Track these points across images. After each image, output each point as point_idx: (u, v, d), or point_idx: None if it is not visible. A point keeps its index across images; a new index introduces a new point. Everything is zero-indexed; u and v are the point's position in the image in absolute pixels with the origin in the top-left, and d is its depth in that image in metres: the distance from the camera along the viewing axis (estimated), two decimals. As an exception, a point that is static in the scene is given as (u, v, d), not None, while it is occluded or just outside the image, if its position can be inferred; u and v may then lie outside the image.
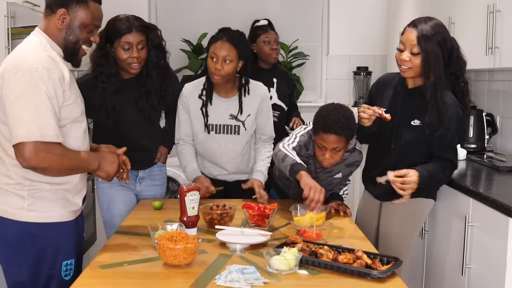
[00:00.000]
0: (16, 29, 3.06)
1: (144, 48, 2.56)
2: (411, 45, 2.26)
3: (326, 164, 2.41)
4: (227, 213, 2.24)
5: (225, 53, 2.54)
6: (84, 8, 1.94)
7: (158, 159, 2.82)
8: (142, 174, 2.77)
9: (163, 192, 2.91)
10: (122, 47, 2.51)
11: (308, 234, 2.05)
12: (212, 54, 2.56)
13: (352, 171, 2.62)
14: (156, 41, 2.62)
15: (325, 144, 2.34)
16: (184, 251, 1.77)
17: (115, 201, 2.70)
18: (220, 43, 2.55)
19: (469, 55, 3.13)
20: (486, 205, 2.22)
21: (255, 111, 2.68)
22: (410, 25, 2.31)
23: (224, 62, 2.54)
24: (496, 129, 3.33)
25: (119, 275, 1.76)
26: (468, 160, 3.07)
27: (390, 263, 1.79)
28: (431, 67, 2.25)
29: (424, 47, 2.23)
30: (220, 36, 2.58)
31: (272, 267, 1.76)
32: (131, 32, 2.52)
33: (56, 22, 1.92)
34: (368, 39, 4.87)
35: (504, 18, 2.76)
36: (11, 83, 1.80)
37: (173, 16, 4.98)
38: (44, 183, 1.91)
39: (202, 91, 2.67)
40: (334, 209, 2.49)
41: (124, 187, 2.69)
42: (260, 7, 5.03)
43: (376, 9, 4.89)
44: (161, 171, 2.87)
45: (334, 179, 2.58)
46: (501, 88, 3.38)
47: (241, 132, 2.66)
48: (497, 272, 2.16)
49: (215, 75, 2.56)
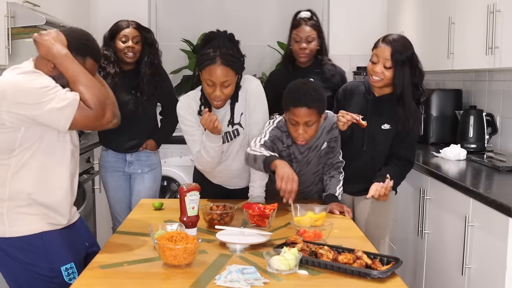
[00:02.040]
0: (16, 29, 3.06)
1: (138, 42, 3.17)
2: (384, 59, 2.48)
3: (301, 140, 2.40)
4: (227, 213, 2.24)
5: (223, 79, 2.31)
6: (81, 63, 1.94)
7: (145, 148, 3.33)
8: (129, 158, 3.34)
9: (152, 177, 3.39)
10: (120, 39, 3.14)
11: (308, 234, 2.05)
12: (208, 81, 2.33)
13: (336, 137, 2.57)
14: (150, 39, 3.23)
15: (297, 119, 2.37)
16: (184, 251, 1.77)
17: (119, 188, 3.37)
18: (215, 68, 2.29)
19: (469, 55, 3.15)
20: (486, 205, 2.22)
21: (243, 106, 2.52)
22: (384, 41, 2.53)
23: (223, 87, 2.33)
24: (496, 129, 3.33)
25: (119, 275, 1.76)
26: (468, 160, 3.07)
27: (390, 263, 1.79)
28: (401, 80, 2.49)
29: (396, 63, 2.47)
30: (213, 59, 2.29)
31: (272, 267, 1.76)
32: (128, 28, 3.16)
33: (47, 68, 1.93)
34: (368, 39, 4.81)
35: (504, 18, 2.76)
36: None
37: (173, 16, 4.98)
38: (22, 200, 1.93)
39: (201, 107, 2.47)
40: (338, 212, 2.46)
41: (115, 171, 3.34)
42: (260, 7, 5.03)
43: (376, 9, 4.89)
44: (148, 157, 3.37)
45: (322, 151, 2.56)
46: (501, 88, 3.38)
47: (240, 132, 2.54)
48: (497, 272, 2.16)
49: (216, 101, 2.37)
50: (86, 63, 1.97)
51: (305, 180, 2.62)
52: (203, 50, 2.34)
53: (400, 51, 2.47)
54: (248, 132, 2.54)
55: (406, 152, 2.60)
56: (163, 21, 5.01)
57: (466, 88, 3.79)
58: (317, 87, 2.44)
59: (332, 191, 2.57)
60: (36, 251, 1.96)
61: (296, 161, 2.54)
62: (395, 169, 2.57)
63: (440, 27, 3.45)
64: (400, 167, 2.60)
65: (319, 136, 2.51)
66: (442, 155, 3.15)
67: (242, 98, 2.50)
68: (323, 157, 2.61)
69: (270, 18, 5.01)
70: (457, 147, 3.14)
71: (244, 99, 2.50)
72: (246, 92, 2.49)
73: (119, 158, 3.34)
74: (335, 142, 2.60)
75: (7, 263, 1.98)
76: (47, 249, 1.96)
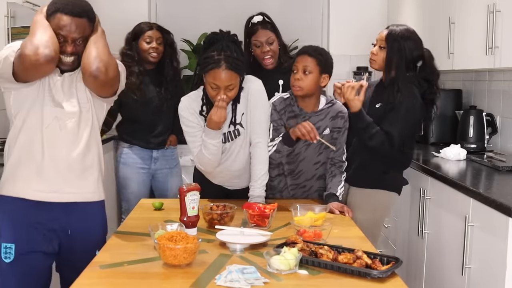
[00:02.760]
0: (16, 29, 3.06)
1: (161, 44, 3.36)
2: (380, 41, 2.64)
3: (297, 86, 2.51)
4: (227, 213, 2.24)
5: (227, 83, 2.31)
6: (51, 20, 2.02)
7: (169, 144, 3.52)
8: (156, 154, 3.50)
9: (178, 172, 3.62)
10: (145, 40, 3.32)
11: (308, 234, 2.05)
12: (212, 85, 2.32)
13: (340, 128, 2.61)
14: (170, 40, 3.44)
15: (297, 64, 2.53)
16: (184, 251, 1.77)
17: (131, 181, 3.47)
18: (219, 72, 2.29)
19: (469, 55, 3.15)
20: (486, 205, 2.21)
21: (245, 106, 2.52)
22: (387, 27, 2.69)
23: (227, 91, 2.33)
24: (496, 129, 3.33)
25: (119, 275, 1.76)
26: (468, 160, 3.07)
27: (390, 263, 1.79)
28: (393, 63, 2.58)
29: (390, 44, 2.59)
30: (218, 63, 2.29)
31: (272, 267, 1.76)
32: (152, 30, 3.36)
33: None
34: (368, 39, 4.81)
35: (504, 18, 2.76)
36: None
37: (173, 16, 4.98)
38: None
39: (203, 107, 2.46)
40: (339, 212, 2.46)
41: (141, 168, 3.37)
42: (260, 7, 5.00)
43: (376, 9, 4.89)
44: (172, 153, 3.59)
45: (324, 136, 2.56)
46: (501, 88, 3.38)
47: (241, 132, 2.54)
48: (497, 272, 2.16)
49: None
50: (55, 19, 2.01)
51: (306, 170, 2.64)
52: (207, 53, 2.34)
53: (397, 35, 2.58)
54: (249, 132, 2.54)
55: (388, 126, 2.53)
56: (163, 21, 4.97)
57: (466, 88, 3.79)
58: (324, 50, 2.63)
59: (333, 191, 2.59)
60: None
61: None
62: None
63: (440, 27, 3.45)
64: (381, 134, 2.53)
65: (322, 118, 2.58)
66: (442, 155, 3.15)
67: (243, 98, 2.49)
68: (325, 148, 2.61)
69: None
70: (457, 147, 3.14)
71: (246, 99, 2.50)
72: (247, 92, 2.49)
73: (145, 155, 3.48)
74: (338, 133, 2.61)
75: None
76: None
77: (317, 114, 2.59)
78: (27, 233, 2.05)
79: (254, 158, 2.55)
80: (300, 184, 2.70)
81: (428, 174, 2.84)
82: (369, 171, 2.66)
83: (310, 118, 2.56)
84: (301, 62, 2.51)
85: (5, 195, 2.07)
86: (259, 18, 3.01)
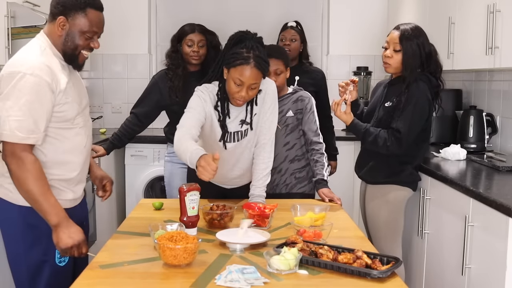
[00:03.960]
0: (16, 29, 3.06)
1: (203, 46, 3.29)
2: (394, 44, 2.64)
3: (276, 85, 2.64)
4: (227, 213, 2.24)
5: (252, 81, 2.32)
6: (83, 16, 2.00)
7: None
8: None
9: None
10: (186, 44, 3.28)
11: (308, 234, 2.05)
12: (237, 80, 2.32)
13: (301, 110, 2.84)
14: (214, 42, 3.34)
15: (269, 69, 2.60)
16: (184, 251, 1.77)
17: (175, 176, 3.40)
18: (247, 69, 2.30)
19: (469, 55, 3.15)
20: (486, 205, 2.21)
21: (259, 107, 2.53)
22: (395, 27, 2.68)
23: (250, 89, 2.35)
24: (496, 129, 3.33)
25: (119, 275, 1.76)
26: (468, 160, 3.07)
27: (390, 263, 1.79)
28: (411, 63, 2.60)
29: (405, 45, 2.60)
30: (247, 60, 2.30)
31: (272, 267, 1.76)
32: (194, 32, 3.29)
33: (56, 29, 2.01)
34: (368, 39, 4.87)
35: (504, 18, 2.76)
36: (1, 83, 1.92)
37: (173, 16, 4.98)
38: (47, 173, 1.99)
39: (217, 103, 2.46)
40: (328, 199, 2.62)
41: (184, 164, 2.91)
42: (260, 7, 5.03)
43: (376, 9, 4.89)
44: None
45: (287, 119, 2.83)
46: (501, 88, 3.38)
47: (249, 133, 2.53)
48: (497, 272, 2.16)
49: (239, 100, 2.38)
50: (88, 14, 2.01)
51: (276, 153, 2.71)
52: (235, 49, 2.34)
53: (409, 35, 2.59)
54: (257, 133, 2.54)
55: (395, 123, 2.61)
56: (163, 21, 5.01)
57: (466, 88, 3.79)
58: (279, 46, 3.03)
59: (320, 176, 2.74)
60: (42, 227, 1.99)
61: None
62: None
63: (440, 27, 3.45)
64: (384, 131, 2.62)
65: (285, 102, 2.83)
66: (442, 155, 3.15)
67: (260, 100, 2.51)
68: (292, 129, 2.82)
69: (270, 18, 5.01)
70: (457, 147, 3.14)
71: (262, 100, 2.52)
72: (264, 93, 2.52)
73: None
74: (301, 114, 2.84)
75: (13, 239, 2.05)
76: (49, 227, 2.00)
77: (281, 99, 2.81)
78: None
79: (258, 158, 2.56)
80: (276, 168, 2.81)
81: (428, 174, 2.84)
82: (384, 168, 2.74)
83: None
84: (272, 66, 2.67)
85: None
86: (292, 23, 3.67)
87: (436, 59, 2.67)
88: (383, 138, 2.60)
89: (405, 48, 2.60)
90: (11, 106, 1.88)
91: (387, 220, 2.76)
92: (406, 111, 2.59)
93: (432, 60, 2.65)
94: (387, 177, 2.75)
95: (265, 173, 2.55)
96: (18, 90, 1.88)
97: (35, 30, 3.20)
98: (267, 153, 2.57)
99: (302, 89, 2.92)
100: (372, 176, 2.81)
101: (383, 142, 2.60)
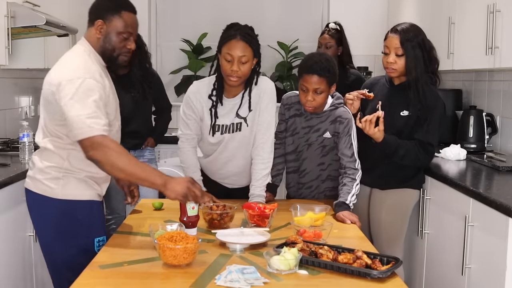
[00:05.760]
0: (16, 29, 3.06)
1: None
2: (395, 49, 2.56)
3: (309, 106, 2.55)
4: (227, 213, 2.24)
5: (240, 53, 2.40)
6: (118, 18, 2.13)
7: (146, 145, 3.57)
8: (132, 154, 3.21)
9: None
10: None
11: (308, 234, 2.05)
12: (227, 56, 2.41)
13: (338, 133, 2.61)
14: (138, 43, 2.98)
15: (307, 85, 2.51)
16: (184, 251, 1.77)
17: None
18: (234, 43, 2.40)
19: (469, 55, 3.15)
20: (486, 205, 2.21)
21: (255, 103, 2.54)
22: (392, 31, 2.60)
23: (240, 63, 2.41)
24: (496, 129, 3.33)
25: (119, 275, 1.76)
26: (468, 160, 3.07)
27: (390, 263, 1.79)
28: (414, 66, 2.55)
29: (407, 49, 2.54)
30: (233, 34, 2.42)
31: (272, 267, 1.76)
32: None
33: (95, 32, 2.14)
34: (368, 39, 4.87)
35: (504, 18, 2.76)
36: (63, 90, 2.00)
37: (173, 16, 4.98)
38: (80, 170, 2.13)
39: (213, 91, 2.54)
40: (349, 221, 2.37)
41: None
42: (260, 7, 5.03)
43: (376, 9, 4.89)
44: (150, 153, 3.63)
45: (324, 139, 2.64)
46: (501, 88, 3.38)
47: (243, 128, 2.55)
48: (497, 272, 2.16)
49: (232, 77, 2.42)
50: (123, 16, 2.13)
51: (310, 170, 2.69)
52: (225, 33, 2.47)
53: (410, 37, 2.54)
54: (254, 131, 2.56)
55: (424, 136, 2.57)
56: (163, 21, 5.02)
57: (466, 88, 3.79)
58: (330, 58, 2.59)
59: (343, 199, 2.50)
60: (80, 218, 2.13)
61: (298, 136, 2.67)
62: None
63: (440, 27, 3.45)
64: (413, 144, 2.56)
65: (323, 120, 2.63)
66: (442, 155, 3.14)
67: (255, 95, 2.54)
68: (328, 151, 2.65)
69: (270, 18, 5.01)
70: (457, 147, 3.14)
71: (258, 96, 2.55)
72: (261, 90, 2.55)
73: None
74: (337, 138, 2.61)
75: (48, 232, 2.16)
76: (89, 218, 2.15)
77: (319, 116, 2.63)
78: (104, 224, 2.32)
79: (257, 158, 2.57)
80: (306, 184, 2.73)
81: (428, 174, 2.84)
82: (398, 173, 2.69)
83: (311, 119, 2.63)
84: (312, 84, 2.50)
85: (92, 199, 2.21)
86: (332, 25, 3.66)
87: (433, 54, 2.65)
88: (414, 152, 2.57)
89: (408, 52, 2.54)
90: (80, 108, 1.97)
91: (395, 223, 2.72)
92: (433, 124, 2.57)
93: (432, 57, 2.63)
94: (402, 182, 2.71)
95: (264, 173, 2.56)
96: (83, 92, 1.99)
97: (35, 30, 3.20)
98: (266, 153, 2.57)
99: (342, 103, 2.66)
100: (386, 183, 2.72)
101: (414, 156, 2.58)
